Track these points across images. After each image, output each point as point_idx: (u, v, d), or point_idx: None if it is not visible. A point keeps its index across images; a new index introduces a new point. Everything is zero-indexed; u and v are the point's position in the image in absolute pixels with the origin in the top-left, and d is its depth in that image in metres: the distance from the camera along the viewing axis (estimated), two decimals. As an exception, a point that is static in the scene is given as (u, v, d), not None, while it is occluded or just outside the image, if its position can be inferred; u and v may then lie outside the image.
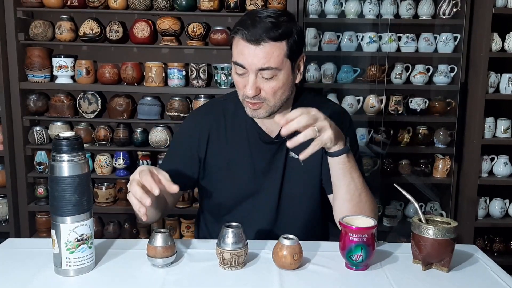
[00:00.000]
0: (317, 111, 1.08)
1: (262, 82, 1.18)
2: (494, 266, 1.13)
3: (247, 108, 1.23)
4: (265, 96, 1.19)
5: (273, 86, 1.18)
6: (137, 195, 1.03)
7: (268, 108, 1.22)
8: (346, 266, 1.09)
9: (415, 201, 1.11)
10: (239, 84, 1.21)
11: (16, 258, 1.11)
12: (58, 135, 1.01)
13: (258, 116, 1.23)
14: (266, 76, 1.17)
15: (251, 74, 1.17)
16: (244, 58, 1.16)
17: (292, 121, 1.05)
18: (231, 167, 1.31)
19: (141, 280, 1.02)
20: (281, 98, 1.22)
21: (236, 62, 1.19)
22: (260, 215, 1.32)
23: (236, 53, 1.19)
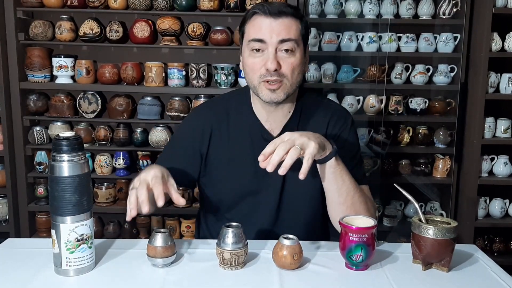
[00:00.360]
0: (289, 133, 1.08)
1: (281, 58, 1.19)
2: (494, 266, 1.13)
3: (265, 91, 1.22)
4: (285, 72, 1.20)
5: (292, 62, 1.20)
6: (141, 198, 1.02)
7: (285, 88, 1.21)
8: (346, 266, 1.09)
9: (415, 201, 1.11)
10: (256, 65, 1.21)
11: (16, 258, 1.11)
12: (58, 135, 1.01)
13: (276, 98, 1.22)
14: (286, 48, 1.18)
15: (271, 48, 1.18)
16: (263, 32, 1.18)
17: (272, 155, 1.04)
18: (233, 164, 1.31)
19: (141, 280, 1.02)
20: (297, 79, 1.23)
21: (254, 39, 1.19)
22: (261, 214, 1.32)
23: (253, 31, 1.20)
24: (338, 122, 1.33)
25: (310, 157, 1.05)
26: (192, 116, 1.41)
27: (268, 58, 1.18)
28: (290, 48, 1.19)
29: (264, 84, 1.21)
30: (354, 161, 1.31)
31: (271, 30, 1.18)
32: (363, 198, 1.22)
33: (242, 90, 1.38)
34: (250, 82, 1.25)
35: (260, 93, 1.23)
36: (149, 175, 1.07)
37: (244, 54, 1.25)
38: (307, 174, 1.05)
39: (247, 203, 1.32)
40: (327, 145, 1.13)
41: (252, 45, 1.20)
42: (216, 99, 1.42)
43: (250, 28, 1.21)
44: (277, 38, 1.17)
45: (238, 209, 1.33)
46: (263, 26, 1.18)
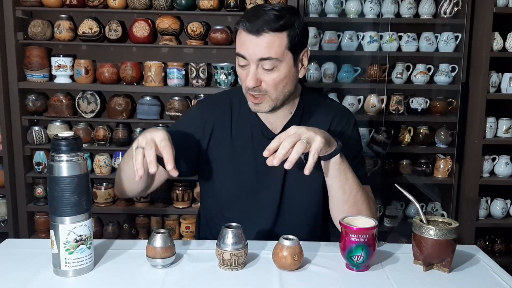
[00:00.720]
0: (295, 127, 1.07)
1: (263, 74, 1.18)
2: (495, 266, 1.12)
3: (250, 102, 1.23)
4: (266, 88, 1.19)
5: (274, 78, 1.18)
6: (149, 158, 1.01)
7: (270, 101, 1.21)
8: (346, 266, 1.09)
9: (416, 201, 1.10)
10: (242, 76, 1.22)
11: (15, 258, 1.11)
12: (57, 135, 1.00)
13: (260, 110, 1.23)
14: (267, 67, 1.17)
15: (252, 65, 1.17)
16: (245, 48, 1.17)
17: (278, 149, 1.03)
18: (233, 161, 1.30)
19: (140, 281, 1.02)
20: (283, 92, 1.22)
21: (238, 53, 1.20)
22: (261, 214, 1.32)
23: (238, 45, 1.20)
24: (341, 121, 1.33)
25: (316, 152, 1.05)
26: (195, 109, 1.40)
27: (248, 75, 1.18)
28: (271, 67, 1.17)
29: (249, 96, 1.23)
30: (356, 160, 1.30)
31: (253, 47, 1.16)
32: (365, 197, 1.21)
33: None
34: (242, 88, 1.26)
35: (248, 101, 1.25)
36: (156, 136, 1.05)
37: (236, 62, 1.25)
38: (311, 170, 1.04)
39: (247, 203, 1.31)
40: (332, 141, 1.12)
41: (238, 59, 1.21)
42: (220, 94, 1.41)
43: (237, 40, 1.21)
44: (257, 57, 1.16)
45: (238, 208, 1.32)
46: (246, 42, 1.17)
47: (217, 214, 1.36)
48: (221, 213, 1.35)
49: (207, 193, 1.39)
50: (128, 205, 2.49)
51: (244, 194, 1.31)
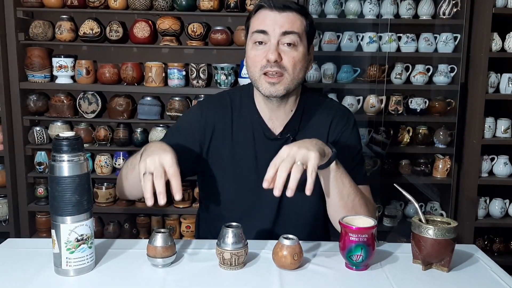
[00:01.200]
0: (287, 148, 1.05)
1: (283, 51, 1.20)
2: (494, 266, 1.12)
3: (264, 85, 1.22)
4: (286, 65, 1.20)
5: (294, 55, 1.20)
6: (158, 189, 1.01)
7: (286, 83, 1.21)
8: (346, 266, 1.09)
9: (415, 201, 1.11)
10: (257, 57, 1.21)
11: (16, 258, 1.11)
12: (58, 135, 1.00)
13: (276, 92, 1.22)
14: (288, 41, 1.19)
15: (273, 39, 1.19)
16: (266, 24, 1.19)
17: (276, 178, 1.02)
18: (235, 161, 1.30)
19: (141, 280, 1.02)
20: (299, 75, 1.23)
21: (257, 30, 1.20)
22: (261, 214, 1.32)
23: (257, 23, 1.21)
24: (340, 122, 1.33)
25: (314, 170, 1.03)
26: (196, 109, 1.38)
27: (269, 49, 1.19)
28: (293, 42, 1.19)
29: (264, 77, 1.21)
30: (355, 161, 1.31)
31: (275, 23, 1.19)
32: (363, 201, 1.21)
33: (246, 87, 1.37)
34: (252, 76, 1.25)
35: (260, 86, 1.23)
36: (166, 162, 1.03)
37: (247, 47, 1.25)
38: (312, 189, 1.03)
39: (248, 202, 1.32)
40: (326, 149, 1.11)
41: (255, 37, 1.21)
42: (220, 94, 1.40)
43: (255, 21, 1.23)
44: (280, 30, 1.18)
45: (238, 208, 1.32)
46: (267, 18, 1.20)
47: (217, 214, 1.37)
48: (221, 213, 1.35)
49: (207, 193, 1.39)
50: (129, 205, 2.50)
51: (244, 194, 1.31)
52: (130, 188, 1.26)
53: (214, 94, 1.41)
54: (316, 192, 1.29)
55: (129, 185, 1.25)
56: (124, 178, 1.26)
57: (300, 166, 1.02)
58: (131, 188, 1.26)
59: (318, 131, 1.31)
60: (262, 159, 1.29)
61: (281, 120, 1.31)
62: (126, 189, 1.27)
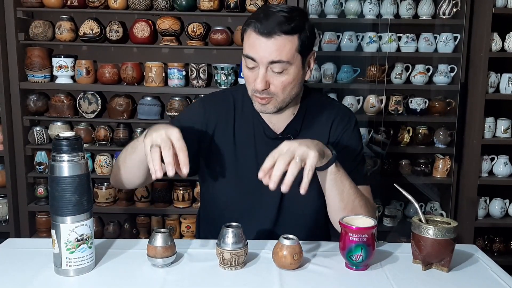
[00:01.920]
0: (288, 143, 1.05)
1: (272, 77, 1.18)
2: (494, 266, 1.13)
3: (256, 103, 1.23)
4: (274, 91, 1.19)
5: (283, 80, 1.18)
6: (167, 160, 0.99)
7: (276, 103, 1.21)
8: (346, 266, 1.09)
9: (415, 201, 1.11)
10: (249, 78, 1.21)
11: (16, 258, 1.11)
12: (58, 135, 1.01)
13: (266, 111, 1.23)
14: (277, 70, 1.16)
15: (261, 67, 1.17)
16: (255, 51, 1.16)
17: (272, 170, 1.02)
18: (235, 159, 1.30)
19: (141, 280, 1.02)
20: (290, 94, 1.22)
21: (247, 55, 1.19)
22: (262, 214, 1.32)
23: (247, 46, 1.19)
24: (341, 122, 1.33)
25: (311, 169, 1.03)
26: (198, 106, 1.37)
27: (258, 77, 1.17)
28: (281, 70, 1.17)
29: (255, 97, 1.22)
30: (356, 161, 1.31)
31: (263, 50, 1.15)
32: (363, 202, 1.21)
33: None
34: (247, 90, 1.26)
35: (253, 102, 1.25)
36: (173, 135, 1.03)
37: (242, 61, 1.24)
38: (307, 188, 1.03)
39: (248, 202, 1.32)
40: (326, 151, 1.11)
41: (246, 60, 1.20)
42: (222, 92, 1.40)
43: (246, 41, 1.20)
44: (268, 59, 1.15)
45: (238, 208, 1.32)
46: (256, 44, 1.16)
47: (217, 214, 1.37)
48: (222, 213, 1.35)
49: (207, 192, 1.39)
50: (129, 205, 2.50)
51: (245, 193, 1.31)
52: (127, 173, 1.22)
53: (215, 92, 1.41)
54: (316, 192, 1.30)
55: (127, 169, 1.21)
56: (121, 163, 1.22)
57: (298, 162, 1.02)
58: (129, 173, 1.22)
59: (319, 131, 1.31)
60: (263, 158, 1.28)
61: (282, 123, 1.31)
62: (123, 175, 1.23)
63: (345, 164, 1.20)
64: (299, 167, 1.03)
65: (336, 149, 1.25)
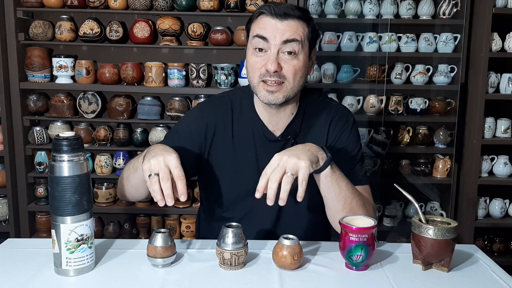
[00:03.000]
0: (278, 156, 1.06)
1: (283, 60, 1.18)
2: (494, 266, 1.13)
3: (263, 92, 1.21)
4: (285, 74, 1.18)
5: (294, 64, 1.19)
6: (166, 192, 1.01)
7: (286, 91, 1.20)
8: (346, 266, 1.09)
9: (415, 201, 1.11)
10: (257, 64, 1.20)
11: (16, 258, 1.11)
12: (58, 135, 1.01)
13: (274, 100, 1.20)
14: (289, 50, 1.17)
15: (273, 49, 1.17)
16: (267, 31, 1.17)
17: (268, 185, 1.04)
18: (235, 163, 1.30)
19: (141, 280, 1.02)
20: (299, 83, 1.22)
21: (258, 35, 1.18)
22: (262, 214, 1.32)
23: (258, 28, 1.19)
24: (340, 122, 1.33)
25: (304, 180, 1.04)
26: (196, 111, 1.38)
27: (269, 59, 1.17)
28: (293, 50, 1.18)
29: (263, 85, 1.20)
30: (355, 160, 1.31)
31: (276, 30, 1.17)
32: (361, 202, 1.20)
33: (246, 88, 1.36)
34: (250, 81, 1.24)
35: (259, 93, 1.22)
36: (170, 163, 1.04)
37: (247, 52, 1.24)
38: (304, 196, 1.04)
39: (248, 203, 1.31)
40: (320, 155, 1.10)
41: (256, 43, 1.19)
42: (220, 96, 1.40)
43: (256, 26, 1.21)
44: (281, 39, 1.16)
45: (238, 209, 1.33)
46: (268, 25, 1.18)
47: (217, 214, 1.37)
48: (222, 213, 1.35)
49: (208, 194, 1.39)
50: (129, 205, 2.50)
51: (244, 195, 1.31)
52: (131, 190, 1.26)
53: (214, 96, 1.41)
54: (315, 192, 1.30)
55: (131, 187, 1.24)
56: (125, 181, 1.26)
57: (290, 177, 1.03)
58: (133, 190, 1.25)
59: (318, 132, 1.31)
60: (263, 161, 1.28)
61: (282, 123, 1.31)
62: (128, 191, 1.27)
63: (343, 164, 1.20)
64: (291, 182, 1.03)
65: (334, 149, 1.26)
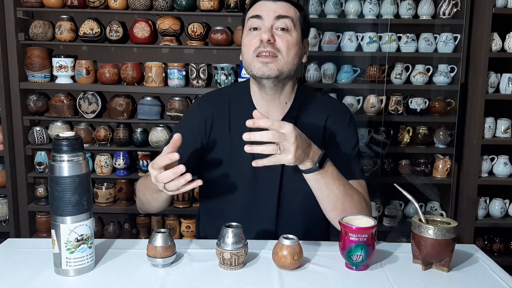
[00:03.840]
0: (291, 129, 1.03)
1: (276, 34, 1.22)
2: (494, 266, 1.13)
3: (257, 65, 1.22)
4: (279, 47, 1.21)
5: (288, 39, 1.22)
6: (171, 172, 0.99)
7: (280, 64, 1.21)
8: (346, 266, 1.09)
9: (415, 201, 1.11)
10: (251, 40, 1.23)
11: (16, 258, 1.11)
12: (58, 135, 1.01)
13: (268, 72, 1.21)
14: (282, 26, 1.22)
15: (267, 23, 1.22)
16: (261, 10, 1.23)
17: (259, 131, 1.02)
18: (232, 158, 1.31)
19: (141, 280, 1.02)
20: (293, 61, 1.23)
21: (252, 15, 1.24)
22: (261, 213, 1.32)
23: (252, 11, 1.25)
24: (337, 119, 1.33)
25: (276, 161, 1.03)
26: (195, 106, 1.40)
27: (263, 31, 1.21)
28: (286, 27, 1.22)
29: (257, 59, 1.22)
30: (351, 156, 1.31)
31: (269, 9, 1.23)
32: (354, 202, 1.20)
33: (243, 83, 1.38)
34: (245, 61, 1.26)
35: (253, 68, 1.23)
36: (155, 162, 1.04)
37: (243, 36, 1.28)
38: (257, 164, 1.04)
39: (247, 200, 1.32)
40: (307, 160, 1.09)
41: (250, 23, 1.24)
42: (217, 91, 1.42)
43: (251, 11, 1.26)
44: (274, 15, 1.22)
45: (237, 207, 1.32)
46: (262, 6, 1.24)
47: (217, 211, 1.37)
48: (221, 213, 1.35)
49: (206, 191, 1.39)
50: (129, 205, 2.50)
51: (242, 192, 1.31)
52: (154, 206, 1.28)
53: (211, 91, 1.43)
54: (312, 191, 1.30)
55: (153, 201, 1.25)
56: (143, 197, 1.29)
57: (276, 149, 1.02)
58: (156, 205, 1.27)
59: (314, 126, 1.31)
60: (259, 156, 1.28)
61: (278, 114, 1.30)
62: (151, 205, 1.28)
63: (340, 159, 1.21)
64: (273, 152, 1.02)
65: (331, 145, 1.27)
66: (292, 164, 1.06)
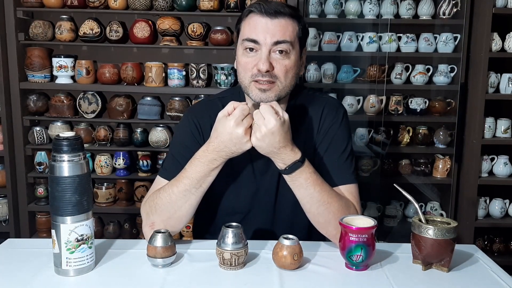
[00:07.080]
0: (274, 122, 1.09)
1: (274, 60, 1.17)
2: (494, 266, 1.13)
3: (255, 91, 1.19)
4: (277, 74, 1.17)
5: (286, 64, 1.18)
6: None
7: (278, 90, 1.19)
8: (346, 266, 1.09)
9: (415, 201, 1.11)
10: (248, 64, 1.19)
11: (16, 258, 1.11)
12: (58, 135, 1.01)
13: (266, 99, 1.19)
14: (280, 49, 1.16)
15: (264, 49, 1.16)
16: (258, 32, 1.16)
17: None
18: (231, 166, 1.30)
19: (141, 280, 1.02)
20: (291, 82, 1.21)
21: (248, 38, 1.17)
22: (259, 215, 1.32)
23: (248, 30, 1.18)
24: (330, 114, 1.30)
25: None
26: (184, 118, 1.37)
27: (261, 59, 1.16)
28: (285, 50, 1.17)
29: (254, 84, 1.19)
30: (343, 157, 1.28)
31: (266, 31, 1.15)
32: (332, 209, 1.17)
33: (236, 89, 1.35)
34: (242, 82, 1.23)
35: (250, 92, 1.21)
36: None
37: (238, 52, 1.23)
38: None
39: (245, 202, 1.32)
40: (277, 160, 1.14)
41: (246, 45, 1.18)
42: (210, 98, 1.40)
43: (246, 26, 1.19)
44: (272, 40, 1.15)
45: (236, 208, 1.32)
46: (258, 25, 1.16)
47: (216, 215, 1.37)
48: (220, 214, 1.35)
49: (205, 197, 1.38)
50: (129, 205, 2.50)
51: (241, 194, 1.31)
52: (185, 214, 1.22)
53: (202, 100, 1.42)
54: None
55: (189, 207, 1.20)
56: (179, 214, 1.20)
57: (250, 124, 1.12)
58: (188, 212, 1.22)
59: (310, 126, 1.30)
60: (257, 162, 1.29)
61: None
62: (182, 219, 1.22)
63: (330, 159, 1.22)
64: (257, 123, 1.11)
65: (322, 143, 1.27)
66: (249, 147, 1.13)
